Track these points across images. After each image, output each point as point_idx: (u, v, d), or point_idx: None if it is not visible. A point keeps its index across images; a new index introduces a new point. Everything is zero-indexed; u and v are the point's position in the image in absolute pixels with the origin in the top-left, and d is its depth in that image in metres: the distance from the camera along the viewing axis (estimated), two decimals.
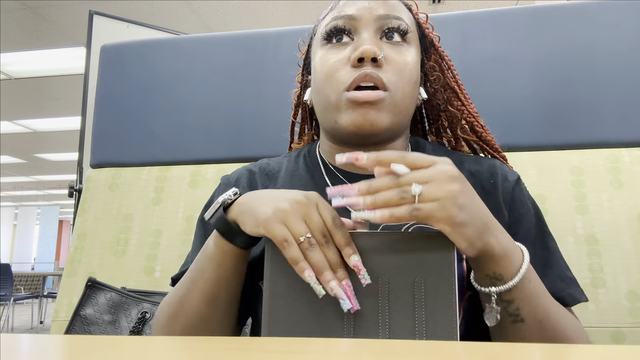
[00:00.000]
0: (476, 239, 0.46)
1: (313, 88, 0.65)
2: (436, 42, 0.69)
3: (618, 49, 0.97)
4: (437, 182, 0.44)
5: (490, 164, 0.65)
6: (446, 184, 0.44)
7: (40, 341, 0.38)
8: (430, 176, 0.45)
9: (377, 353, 0.31)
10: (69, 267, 1.07)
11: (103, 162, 1.16)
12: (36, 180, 9.48)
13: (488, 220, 0.48)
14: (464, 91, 0.70)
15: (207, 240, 0.56)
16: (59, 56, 4.10)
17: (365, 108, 0.57)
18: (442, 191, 0.44)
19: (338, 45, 0.62)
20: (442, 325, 0.45)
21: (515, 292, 0.49)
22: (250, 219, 0.50)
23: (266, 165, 0.70)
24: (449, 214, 0.44)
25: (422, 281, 0.47)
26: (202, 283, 0.55)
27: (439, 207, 0.43)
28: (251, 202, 0.51)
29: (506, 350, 0.34)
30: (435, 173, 0.45)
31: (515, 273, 0.49)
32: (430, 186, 0.44)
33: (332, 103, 0.59)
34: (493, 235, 0.47)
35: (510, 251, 0.49)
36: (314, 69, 0.64)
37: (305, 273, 0.45)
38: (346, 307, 0.45)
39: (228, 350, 0.34)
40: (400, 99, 0.59)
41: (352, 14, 0.61)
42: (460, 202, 0.44)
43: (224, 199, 0.53)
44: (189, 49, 1.17)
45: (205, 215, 0.54)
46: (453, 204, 0.44)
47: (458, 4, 3.28)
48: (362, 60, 0.58)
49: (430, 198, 0.44)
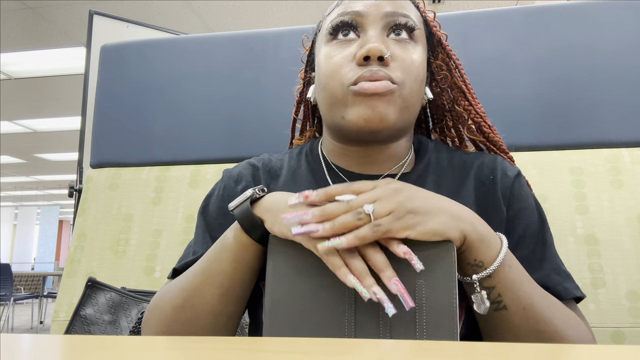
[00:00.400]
0: (446, 230, 0.47)
1: (317, 85, 0.64)
2: (444, 41, 0.68)
3: (618, 49, 0.97)
4: (384, 197, 0.48)
5: (491, 160, 0.64)
6: (392, 197, 0.48)
7: (40, 341, 0.38)
8: (377, 195, 0.48)
9: (378, 353, 0.31)
10: (69, 267, 1.07)
11: (103, 162, 1.16)
12: (36, 180, 9.48)
13: (455, 210, 0.50)
14: (471, 91, 0.68)
15: (224, 233, 0.56)
16: (59, 56, 4.10)
17: (374, 100, 0.56)
18: (392, 203, 0.47)
19: (343, 42, 0.61)
20: (443, 329, 0.45)
21: (496, 277, 0.50)
22: (282, 221, 0.50)
23: (268, 161, 0.69)
24: (405, 221, 0.47)
25: (423, 285, 0.47)
26: (217, 275, 0.54)
27: (394, 218, 0.47)
28: (278, 204, 0.52)
29: (505, 350, 0.34)
30: (379, 191, 0.49)
31: (495, 258, 0.50)
32: (379, 203, 0.47)
33: (338, 98, 0.58)
34: (467, 223, 0.49)
35: (487, 237, 0.50)
36: (319, 66, 0.63)
37: (349, 278, 0.46)
38: (391, 312, 0.45)
39: (228, 350, 0.34)
40: (408, 94, 0.58)
41: (359, 10, 0.60)
42: (411, 207, 0.48)
43: (252, 193, 0.54)
44: (189, 49, 1.17)
45: (230, 205, 0.54)
46: (405, 211, 0.47)
47: (458, 4, 3.28)
48: (368, 58, 0.57)
49: (383, 212, 0.47)
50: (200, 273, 0.56)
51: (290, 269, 0.49)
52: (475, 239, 0.49)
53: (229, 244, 0.54)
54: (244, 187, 0.64)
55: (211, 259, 0.55)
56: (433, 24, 0.68)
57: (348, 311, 0.47)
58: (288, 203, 0.50)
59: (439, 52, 0.68)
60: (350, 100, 0.57)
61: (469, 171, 0.63)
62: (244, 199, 0.54)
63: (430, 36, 0.67)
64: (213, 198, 0.67)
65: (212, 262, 0.55)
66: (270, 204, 0.53)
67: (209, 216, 0.66)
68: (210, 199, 0.67)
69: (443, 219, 0.48)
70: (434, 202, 0.49)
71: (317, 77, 0.64)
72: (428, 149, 0.67)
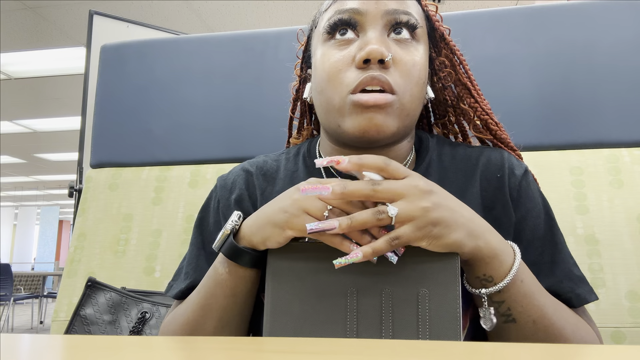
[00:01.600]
0: (459, 246, 0.46)
1: (314, 87, 0.62)
2: (447, 36, 0.65)
3: (618, 49, 0.97)
4: (410, 198, 0.46)
5: (497, 156, 0.62)
6: (419, 200, 0.45)
7: (40, 341, 0.38)
8: (405, 191, 0.46)
9: (378, 353, 0.31)
10: (69, 267, 1.06)
11: (103, 162, 1.16)
12: (36, 180, 9.48)
13: (473, 225, 0.48)
14: (477, 87, 0.66)
15: (214, 267, 0.55)
16: (59, 56, 4.10)
17: (372, 112, 0.54)
18: (416, 209, 0.45)
19: (341, 42, 0.57)
20: (445, 337, 0.45)
21: (506, 292, 0.49)
22: (272, 232, 0.49)
23: (263, 164, 0.67)
24: (425, 233, 0.45)
25: (426, 293, 0.46)
26: (215, 310, 0.54)
27: (414, 227, 0.45)
28: (260, 221, 0.51)
29: (506, 350, 0.34)
30: (408, 189, 0.46)
31: (506, 274, 0.48)
32: (404, 203, 0.45)
33: (336, 106, 0.56)
34: (480, 238, 0.47)
35: (500, 252, 0.48)
36: (315, 67, 0.61)
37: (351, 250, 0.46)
38: (394, 259, 0.46)
39: (228, 350, 0.34)
40: (408, 102, 0.56)
41: (358, 8, 0.57)
42: (434, 217, 0.45)
43: (231, 227, 0.53)
44: (189, 49, 1.17)
45: (214, 247, 0.54)
46: (427, 221, 0.45)
47: (458, 3, 3.28)
48: (368, 61, 0.54)
49: (405, 218, 0.45)
50: (198, 308, 0.56)
51: (291, 274, 0.48)
52: (486, 255, 0.48)
53: (224, 279, 0.53)
54: (238, 196, 0.64)
55: (207, 295, 0.55)
56: (436, 18, 0.64)
57: (350, 320, 0.47)
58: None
59: (442, 48, 0.65)
60: (348, 110, 0.55)
61: (474, 169, 0.61)
62: (225, 238, 0.53)
63: (432, 31, 0.64)
64: (208, 210, 0.66)
65: (209, 299, 0.55)
66: (251, 227, 0.52)
67: (206, 230, 0.65)
68: (206, 211, 0.66)
69: (460, 235, 0.46)
70: (457, 214, 0.47)
71: (314, 79, 0.61)
72: (429, 147, 0.64)
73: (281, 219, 0.49)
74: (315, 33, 0.63)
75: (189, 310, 0.57)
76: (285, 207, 0.49)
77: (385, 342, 0.37)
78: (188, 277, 0.62)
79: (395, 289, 0.47)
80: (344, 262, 0.45)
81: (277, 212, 0.50)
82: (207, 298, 0.55)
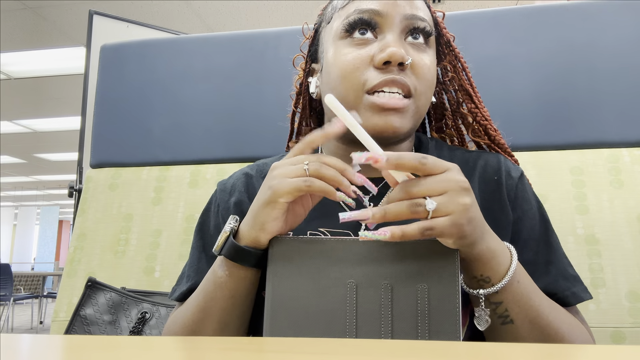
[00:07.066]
0: (472, 248, 0.46)
1: (325, 82, 0.62)
2: (452, 43, 0.67)
3: (618, 49, 0.97)
4: (451, 194, 0.44)
5: (494, 159, 0.63)
6: (459, 196, 0.44)
7: (40, 341, 0.38)
8: (445, 187, 0.44)
9: (378, 353, 0.31)
10: (69, 267, 1.06)
11: (103, 162, 1.15)
12: (36, 180, 9.47)
13: (484, 228, 0.48)
14: (477, 94, 0.67)
15: (212, 270, 0.55)
16: (58, 56, 4.10)
17: (390, 114, 0.55)
18: (456, 204, 0.44)
19: (360, 41, 0.58)
20: (445, 333, 0.45)
21: (504, 293, 0.49)
22: (265, 210, 0.49)
23: (264, 167, 0.68)
24: (458, 230, 0.44)
25: (425, 288, 0.46)
26: (215, 313, 0.55)
27: (450, 222, 0.44)
28: (252, 212, 0.52)
29: (506, 350, 0.34)
30: (449, 183, 0.44)
31: (503, 275, 0.48)
32: (445, 198, 0.44)
33: (349, 103, 0.56)
34: (483, 240, 0.48)
35: (498, 253, 0.49)
36: (328, 63, 0.61)
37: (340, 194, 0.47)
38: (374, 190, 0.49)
39: (228, 350, 0.34)
40: (422, 104, 0.58)
41: (379, 10, 0.58)
42: (470, 216, 0.45)
43: (230, 228, 0.53)
44: (189, 49, 1.17)
45: (214, 250, 0.54)
46: (464, 218, 0.44)
47: (458, 4, 3.28)
48: (388, 63, 0.55)
49: (444, 212, 0.44)
50: (197, 311, 0.56)
51: (291, 270, 0.48)
52: (484, 255, 0.48)
53: (224, 281, 0.53)
54: (237, 199, 0.64)
55: (207, 298, 0.55)
56: (443, 25, 0.66)
57: (349, 314, 0.47)
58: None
59: (447, 54, 0.67)
60: (364, 109, 0.56)
61: (472, 172, 0.62)
62: (225, 239, 0.53)
63: (438, 37, 0.66)
64: (209, 215, 0.67)
65: (208, 301, 0.55)
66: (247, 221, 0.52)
67: (206, 234, 0.65)
68: (207, 215, 0.67)
69: (478, 235, 0.47)
70: (480, 214, 0.47)
71: (327, 76, 0.61)
72: (429, 148, 0.66)
73: (269, 195, 0.49)
74: (327, 29, 0.64)
75: (188, 313, 0.57)
76: (268, 185, 0.50)
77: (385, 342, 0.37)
78: (189, 279, 0.63)
79: (394, 284, 0.47)
80: (370, 237, 0.44)
81: (263, 193, 0.50)
82: (206, 301, 0.55)
